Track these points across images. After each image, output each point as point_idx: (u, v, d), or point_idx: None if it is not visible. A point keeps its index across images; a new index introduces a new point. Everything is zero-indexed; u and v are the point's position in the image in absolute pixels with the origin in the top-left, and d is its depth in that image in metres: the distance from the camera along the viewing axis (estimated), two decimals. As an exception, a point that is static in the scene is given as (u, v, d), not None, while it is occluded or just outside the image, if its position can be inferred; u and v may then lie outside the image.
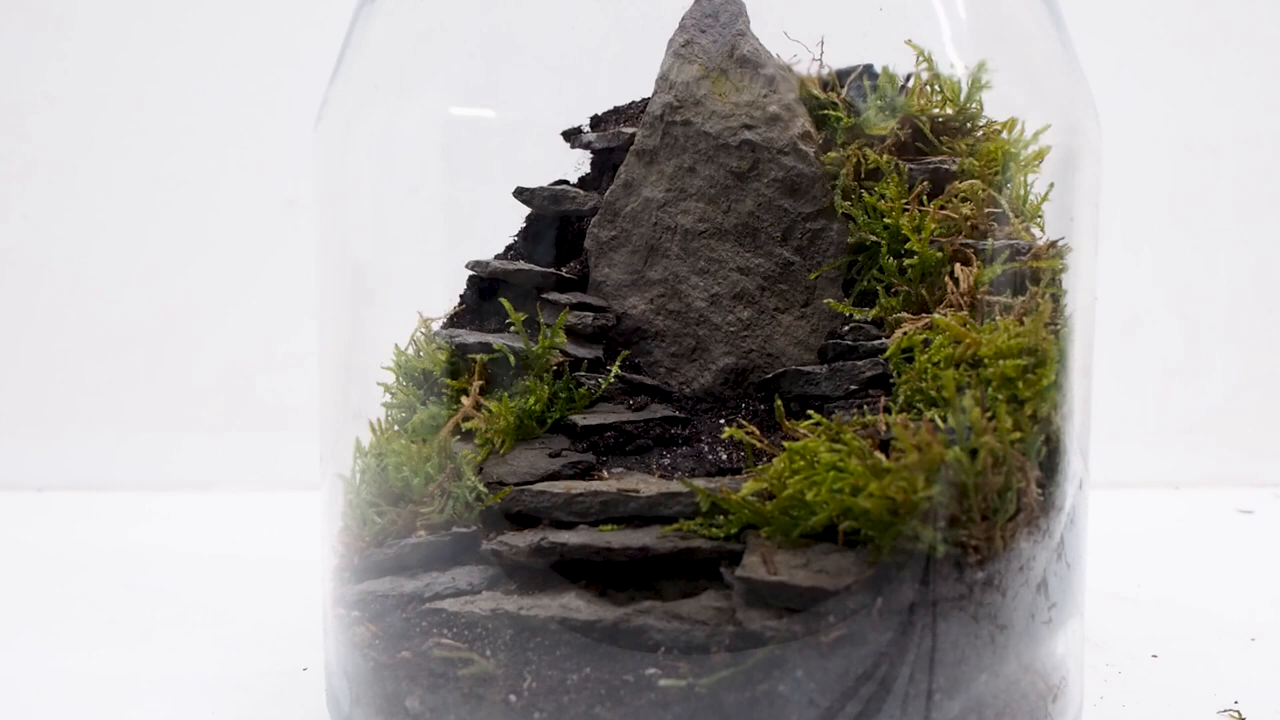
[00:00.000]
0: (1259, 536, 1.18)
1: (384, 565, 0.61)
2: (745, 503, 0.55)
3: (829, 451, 0.54)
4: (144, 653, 0.84)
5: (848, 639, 0.51)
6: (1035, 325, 0.57)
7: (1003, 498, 0.54)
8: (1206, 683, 0.75)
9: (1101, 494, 0.75)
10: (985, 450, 0.53)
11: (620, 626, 0.53)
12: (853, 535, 0.53)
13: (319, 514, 0.68)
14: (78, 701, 0.76)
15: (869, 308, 0.64)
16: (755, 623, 0.52)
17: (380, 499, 0.63)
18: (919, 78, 0.65)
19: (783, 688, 0.51)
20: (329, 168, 0.66)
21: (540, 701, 0.53)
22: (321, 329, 0.68)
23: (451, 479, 0.61)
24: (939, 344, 0.58)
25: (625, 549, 0.55)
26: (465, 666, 0.55)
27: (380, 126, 0.64)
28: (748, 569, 0.53)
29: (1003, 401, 0.55)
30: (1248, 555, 1.10)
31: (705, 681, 0.51)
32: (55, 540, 1.19)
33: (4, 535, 1.24)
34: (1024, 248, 0.61)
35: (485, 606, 0.56)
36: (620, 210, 0.66)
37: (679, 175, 0.65)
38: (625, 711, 0.51)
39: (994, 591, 0.56)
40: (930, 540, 0.52)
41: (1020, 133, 0.63)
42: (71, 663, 0.83)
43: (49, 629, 0.90)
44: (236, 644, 0.85)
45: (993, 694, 0.55)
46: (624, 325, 0.65)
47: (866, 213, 0.64)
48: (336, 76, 0.66)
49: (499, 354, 0.63)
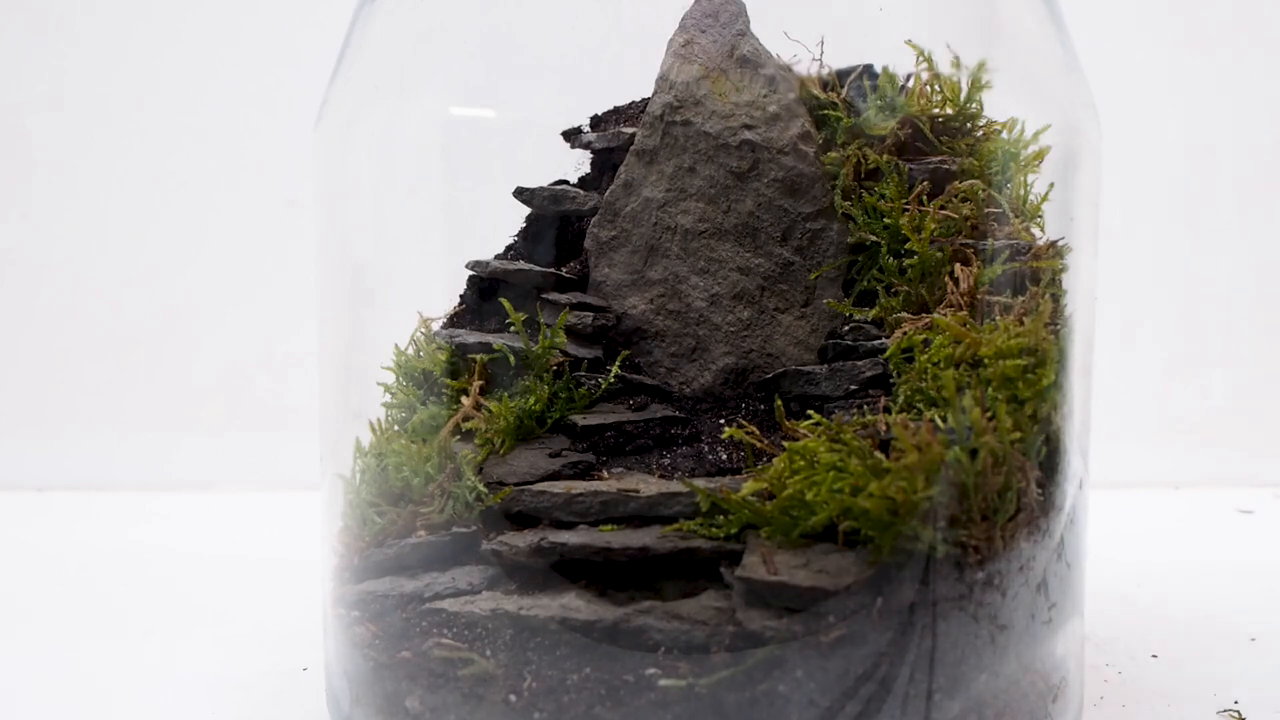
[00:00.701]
0: (1259, 536, 1.18)
1: (384, 565, 0.61)
2: (745, 503, 0.55)
3: (829, 451, 0.54)
4: (144, 652, 0.84)
5: (848, 639, 0.51)
6: (1035, 325, 0.57)
7: (1003, 498, 0.54)
8: (1206, 683, 0.75)
9: (1101, 494, 0.75)
10: (985, 450, 0.53)
11: (620, 626, 0.53)
12: (853, 535, 0.53)
13: (319, 514, 0.68)
14: (78, 701, 0.76)
15: (869, 308, 0.64)
16: (755, 623, 0.52)
17: (380, 499, 0.63)
18: (919, 78, 0.65)
19: (783, 688, 0.51)
20: (329, 168, 0.66)
21: (540, 701, 0.53)
22: (321, 329, 0.68)
23: (451, 479, 0.61)
24: (939, 344, 0.58)
25: (625, 549, 0.55)
26: (465, 666, 0.55)
27: (380, 126, 0.64)
28: (748, 569, 0.53)
29: (1002, 401, 0.55)
30: (1248, 555, 1.10)
31: (705, 681, 0.51)
32: (55, 540, 1.19)
33: (4, 535, 1.24)
34: (1024, 248, 0.61)
35: (485, 606, 0.56)
36: (620, 210, 0.66)
37: (679, 175, 0.65)
38: (625, 711, 0.51)
39: (994, 591, 0.56)
40: (930, 540, 0.52)
41: (1020, 133, 0.63)
42: (71, 663, 0.82)
43: (49, 629, 0.90)
44: (236, 644, 0.85)
45: (993, 694, 0.55)
46: (624, 325, 0.65)
47: (866, 213, 0.64)
48: (336, 76, 0.66)
49: (499, 354, 0.63)
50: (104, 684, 0.78)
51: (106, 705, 0.75)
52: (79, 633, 0.89)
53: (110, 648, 0.85)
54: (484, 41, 0.66)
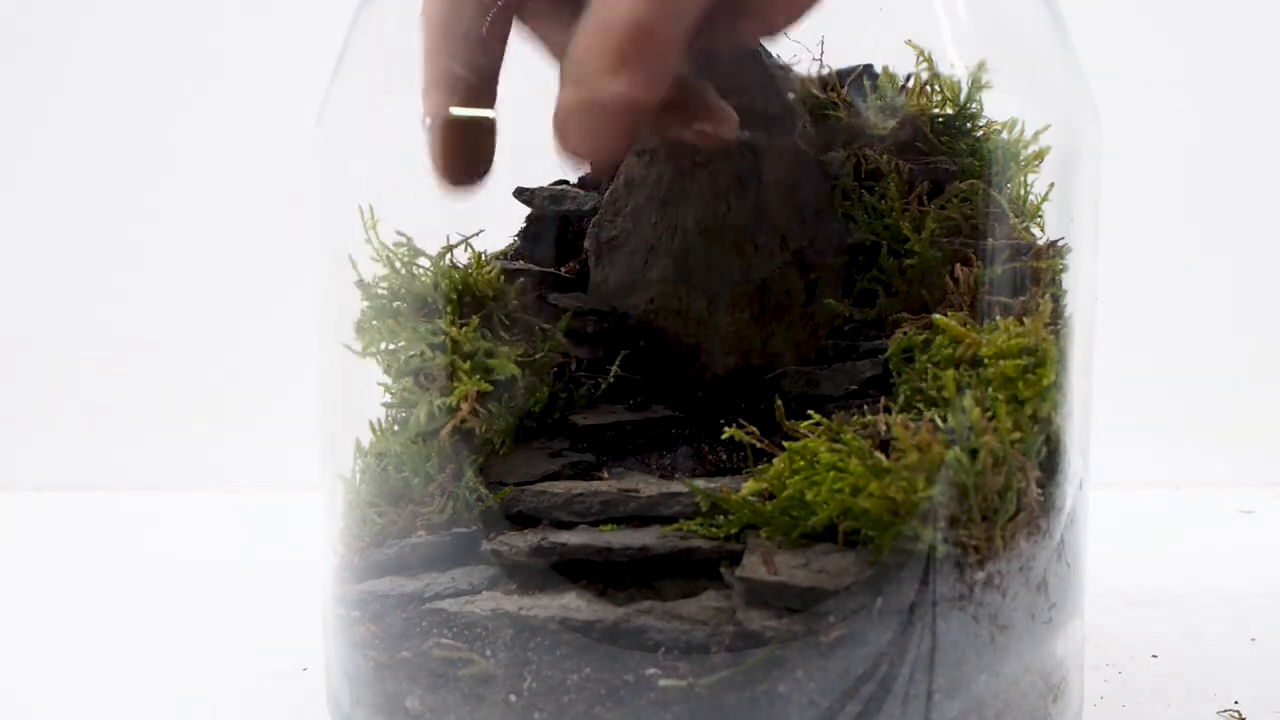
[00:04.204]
0: (1259, 536, 1.18)
1: (384, 565, 0.61)
2: (745, 503, 0.55)
3: (829, 452, 0.54)
4: (144, 653, 0.84)
5: (847, 639, 0.51)
6: (1035, 325, 0.57)
7: (1003, 498, 0.54)
8: (1206, 683, 0.75)
9: (1101, 494, 0.75)
10: (985, 450, 0.53)
11: (620, 627, 0.53)
12: (853, 535, 0.53)
13: (319, 515, 0.68)
14: (77, 701, 0.76)
15: (869, 308, 0.64)
16: (755, 623, 0.52)
17: (380, 499, 0.63)
18: (919, 78, 0.65)
19: (783, 688, 0.51)
20: (330, 167, 0.66)
21: (540, 701, 0.53)
22: (321, 329, 0.68)
23: (451, 479, 0.61)
24: (939, 344, 0.58)
25: (625, 549, 0.55)
26: (465, 667, 0.55)
27: (381, 126, 0.64)
28: (748, 569, 0.53)
29: (1002, 401, 0.55)
30: (1248, 555, 1.10)
31: (705, 682, 0.51)
32: (55, 540, 1.19)
33: (4, 535, 1.24)
34: (1024, 247, 0.61)
35: (485, 607, 0.56)
36: (621, 210, 0.66)
37: (679, 175, 0.65)
38: (625, 711, 0.51)
39: (994, 591, 0.56)
40: (930, 540, 0.52)
41: (1020, 133, 0.64)
42: (71, 663, 0.83)
43: (49, 629, 0.90)
44: (236, 644, 0.85)
45: (993, 694, 0.55)
46: (624, 325, 0.65)
47: (866, 213, 0.64)
48: (337, 75, 0.66)
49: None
50: (104, 684, 0.78)
51: (106, 705, 0.75)
52: (79, 633, 0.89)
53: (110, 648, 0.85)
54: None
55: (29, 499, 1.37)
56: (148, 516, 1.28)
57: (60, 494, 1.39)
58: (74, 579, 1.04)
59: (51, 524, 1.28)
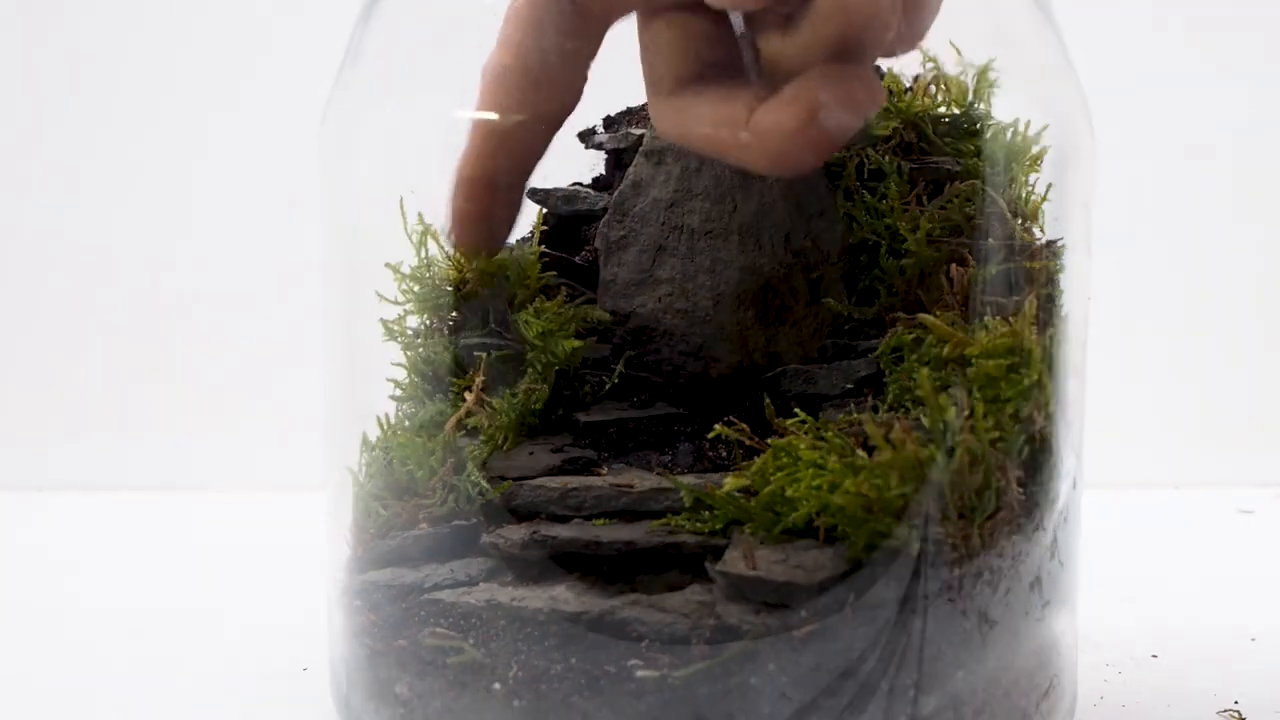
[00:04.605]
0: (1259, 536, 1.17)
1: (387, 557, 0.62)
2: (729, 498, 0.56)
3: (810, 449, 0.55)
4: (144, 653, 0.85)
5: (820, 633, 0.52)
6: (1019, 324, 0.57)
7: (981, 496, 0.55)
8: (1206, 683, 0.74)
9: (1101, 494, 0.75)
10: (963, 449, 0.53)
11: (606, 618, 0.54)
12: (831, 532, 0.54)
13: (324, 510, 0.69)
14: (77, 701, 0.76)
15: (869, 307, 0.65)
16: (733, 616, 0.52)
17: (385, 492, 0.64)
18: (922, 79, 0.65)
19: (755, 680, 0.52)
20: (333, 168, 0.67)
21: (522, 690, 0.54)
22: (326, 329, 0.69)
23: (453, 473, 0.63)
24: (929, 344, 0.59)
25: (613, 543, 0.57)
26: (455, 655, 0.56)
27: (385, 127, 0.65)
28: (728, 564, 0.54)
29: (982, 401, 0.55)
30: (1248, 555, 1.09)
31: (680, 674, 0.52)
32: (55, 540, 1.20)
33: (4, 535, 1.25)
34: (1022, 247, 0.62)
35: (480, 597, 0.58)
36: (629, 210, 0.67)
37: (686, 175, 0.66)
38: (600, 701, 0.53)
39: (983, 587, 0.56)
40: (905, 537, 0.53)
41: (1024, 132, 0.64)
42: (71, 662, 0.83)
43: (49, 629, 0.91)
44: (236, 644, 0.86)
45: (973, 691, 0.56)
46: (631, 324, 0.66)
47: (867, 212, 0.64)
48: (341, 77, 0.67)
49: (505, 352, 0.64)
50: (104, 684, 0.79)
51: (106, 705, 0.75)
52: (78, 632, 0.89)
53: (110, 647, 0.86)
54: (490, 42, 0.67)
55: (29, 499, 1.38)
56: (148, 516, 1.28)
57: (60, 494, 1.39)
58: (73, 579, 1.05)
59: (51, 524, 1.28)
